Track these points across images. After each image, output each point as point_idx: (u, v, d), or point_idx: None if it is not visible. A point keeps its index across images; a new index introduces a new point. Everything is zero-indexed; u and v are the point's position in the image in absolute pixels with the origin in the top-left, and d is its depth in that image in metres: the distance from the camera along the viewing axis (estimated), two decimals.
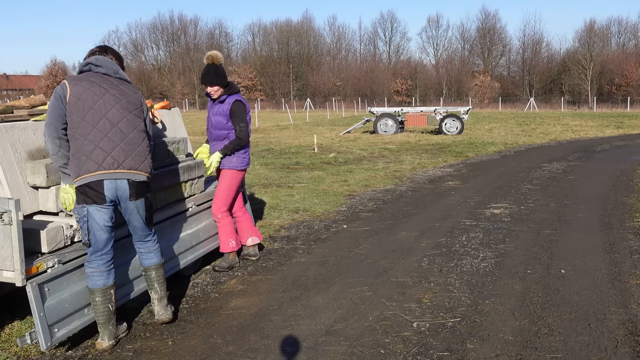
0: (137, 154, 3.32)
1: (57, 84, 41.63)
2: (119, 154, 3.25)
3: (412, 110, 22.85)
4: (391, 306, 3.98)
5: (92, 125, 3.22)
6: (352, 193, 8.49)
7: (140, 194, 3.36)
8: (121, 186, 3.27)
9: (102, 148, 3.21)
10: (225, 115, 4.63)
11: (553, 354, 3.24)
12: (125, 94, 3.36)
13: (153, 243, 3.63)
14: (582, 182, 9.37)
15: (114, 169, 3.23)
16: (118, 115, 3.29)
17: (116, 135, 3.26)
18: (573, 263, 4.90)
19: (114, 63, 3.44)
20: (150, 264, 3.61)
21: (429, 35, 76.00)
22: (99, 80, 3.32)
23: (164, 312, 3.66)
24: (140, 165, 3.33)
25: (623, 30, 63.66)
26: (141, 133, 3.38)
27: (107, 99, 3.28)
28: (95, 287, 3.29)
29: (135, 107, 3.38)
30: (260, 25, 75.97)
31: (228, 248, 4.80)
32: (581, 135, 20.24)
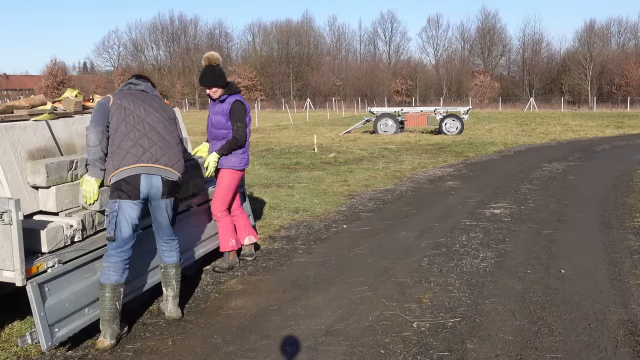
0: (172, 154, 3.57)
1: (57, 84, 41.69)
2: (157, 151, 3.50)
3: (412, 110, 22.86)
4: (391, 306, 3.98)
5: (133, 125, 3.49)
6: (352, 193, 8.49)
7: (171, 192, 3.58)
8: (155, 184, 3.47)
9: (141, 145, 3.46)
10: (225, 115, 4.64)
11: (553, 354, 3.24)
12: (162, 106, 3.72)
13: (175, 242, 3.80)
14: (582, 182, 9.37)
15: (151, 163, 3.44)
16: (156, 120, 3.58)
17: (155, 135, 3.53)
18: (573, 263, 4.90)
19: (149, 85, 3.84)
20: (171, 262, 3.77)
21: (429, 35, 75.91)
22: (139, 95, 3.67)
23: (176, 310, 3.79)
24: (175, 164, 3.57)
25: (623, 30, 63.73)
26: (176, 138, 3.67)
27: (146, 107, 3.60)
28: (108, 282, 3.34)
29: (170, 117, 3.71)
30: (260, 25, 75.95)
31: (228, 247, 4.80)
32: (581, 135, 20.24)
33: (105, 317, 3.35)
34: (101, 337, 3.37)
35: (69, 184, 3.51)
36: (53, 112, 3.87)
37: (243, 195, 5.41)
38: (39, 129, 3.60)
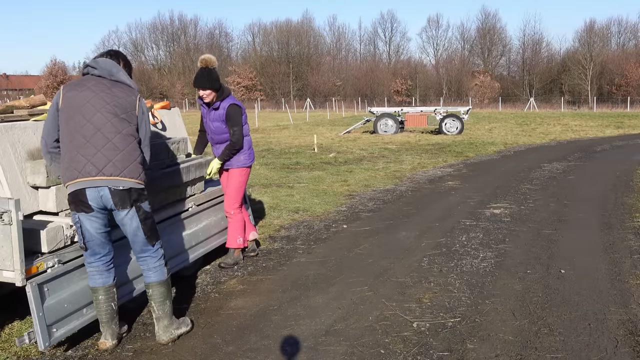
0: (119, 160, 3.13)
1: (57, 84, 41.72)
2: (100, 160, 3.11)
3: (412, 110, 22.85)
4: (391, 306, 3.98)
5: (77, 130, 3.13)
6: (352, 193, 8.49)
7: (125, 203, 3.17)
8: (105, 195, 3.13)
9: (83, 155, 3.11)
10: (222, 121, 4.68)
11: (553, 354, 3.24)
12: (115, 97, 3.22)
13: (153, 260, 3.39)
14: (582, 182, 9.37)
15: (92, 176, 3.10)
16: (102, 120, 3.14)
17: (99, 140, 3.12)
18: (573, 263, 4.90)
19: (114, 64, 3.32)
20: (148, 282, 3.41)
21: (429, 35, 76.02)
22: (92, 83, 3.23)
23: (163, 333, 3.42)
24: (123, 171, 3.14)
25: (623, 30, 63.75)
26: (127, 137, 3.19)
27: (94, 103, 3.16)
28: (97, 286, 3.29)
29: (124, 110, 3.22)
30: (260, 25, 76.03)
31: (235, 244, 4.89)
32: (581, 135, 20.24)
33: (103, 319, 3.32)
34: (102, 339, 3.35)
35: None
36: None
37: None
38: (39, 129, 3.60)
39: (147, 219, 3.30)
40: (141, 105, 3.33)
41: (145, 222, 3.29)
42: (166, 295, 3.43)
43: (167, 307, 3.43)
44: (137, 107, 3.29)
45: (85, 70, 3.35)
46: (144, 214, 3.27)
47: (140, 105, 3.32)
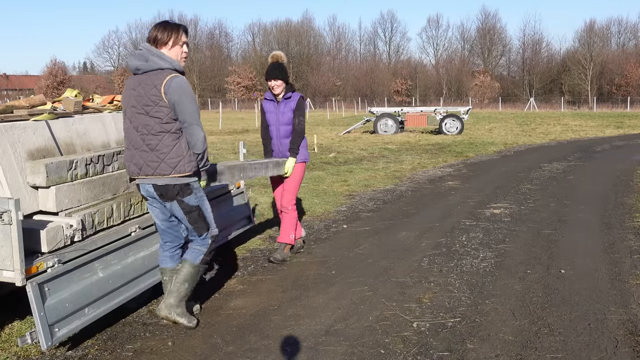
0: (151, 160, 3.33)
1: (57, 84, 41.69)
2: (138, 161, 3.40)
3: (412, 110, 22.87)
4: (391, 306, 3.98)
5: (124, 131, 3.48)
6: (352, 193, 8.49)
7: (167, 196, 3.41)
8: (148, 189, 3.45)
9: (128, 156, 3.46)
10: (292, 110, 4.93)
11: (553, 354, 3.24)
12: (142, 97, 3.30)
13: (197, 244, 3.59)
14: (582, 182, 9.37)
15: (135, 175, 3.45)
16: (136, 122, 3.36)
17: (136, 142, 3.38)
18: (573, 263, 4.90)
19: (147, 51, 3.35)
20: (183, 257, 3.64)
21: (429, 35, 76.04)
22: (131, 83, 3.41)
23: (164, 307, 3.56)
24: (156, 170, 3.34)
25: (623, 30, 63.80)
26: (157, 135, 3.30)
27: (130, 104, 3.38)
28: (163, 267, 3.69)
29: (150, 107, 3.28)
30: (260, 25, 76.04)
31: (287, 239, 5.02)
32: (581, 135, 20.24)
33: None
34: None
35: (69, 184, 3.51)
36: (53, 112, 3.87)
37: (243, 195, 5.42)
38: (39, 129, 3.60)
39: (192, 212, 3.47)
40: (169, 87, 3.25)
41: (189, 214, 3.47)
42: (188, 279, 3.58)
43: (182, 289, 3.57)
44: (162, 95, 3.25)
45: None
46: (186, 207, 3.46)
47: (166, 89, 3.25)
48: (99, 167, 3.78)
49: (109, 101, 4.59)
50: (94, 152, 3.82)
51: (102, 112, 4.34)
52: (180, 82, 3.29)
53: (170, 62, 3.33)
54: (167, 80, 3.26)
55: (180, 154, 3.34)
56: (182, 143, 3.35)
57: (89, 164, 3.69)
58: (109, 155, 3.89)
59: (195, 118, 3.36)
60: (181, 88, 3.28)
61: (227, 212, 5.11)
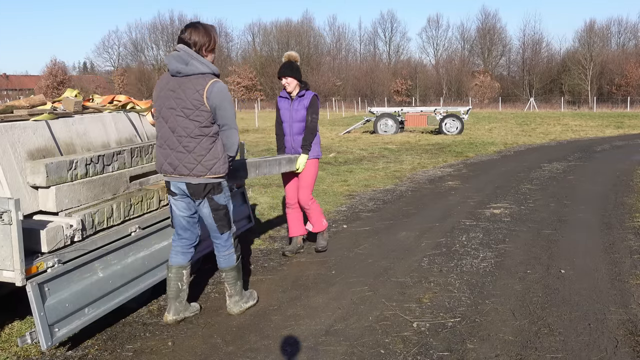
0: (188, 162, 3.46)
1: (57, 84, 41.65)
2: (173, 160, 3.51)
3: (412, 110, 22.87)
4: (391, 306, 3.98)
5: (159, 130, 3.56)
6: (352, 193, 8.49)
7: (199, 194, 3.55)
8: (183, 186, 3.56)
9: (161, 154, 3.56)
10: (306, 108, 5.08)
11: (553, 354, 3.24)
12: (182, 100, 3.42)
13: (223, 249, 3.76)
14: (582, 182, 9.37)
15: (169, 174, 3.56)
16: (174, 123, 3.46)
17: (172, 143, 3.49)
18: (573, 263, 4.90)
19: (185, 54, 3.45)
20: (220, 266, 3.83)
21: (429, 35, 76.11)
22: (169, 84, 3.51)
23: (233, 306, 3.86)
24: (192, 170, 3.47)
25: (623, 30, 63.79)
26: (196, 138, 3.43)
27: (168, 106, 3.48)
28: (170, 264, 3.73)
29: (190, 111, 3.41)
30: (260, 25, 76.08)
31: (322, 226, 5.29)
32: (581, 135, 20.24)
33: (169, 295, 3.72)
34: (166, 312, 3.72)
35: (69, 184, 3.51)
36: (53, 112, 3.87)
37: (243, 195, 5.42)
38: (39, 129, 3.60)
39: (219, 210, 3.63)
40: (211, 92, 3.40)
41: (216, 212, 3.62)
42: (237, 277, 3.84)
43: (238, 287, 3.86)
44: (205, 100, 3.39)
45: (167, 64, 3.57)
46: (215, 205, 3.61)
47: (209, 94, 3.39)
48: (99, 167, 3.78)
49: (109, 101, 4.59)
50: (94, 152, 3.82)
51: (102, 112, 4.34)
52: (221, 87, 3.46)
53: (209, 66, 3.48)
54: (209, 85, 3.41)
55: (217, 156, 3.51)
56: (218, 146, 3.52)
57: (89, 164, 3.69)
58: (109, 155, 3.89)
59: (234, 122, 3.57)
60: (222, 93, 3.45)
61: None
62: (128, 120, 4.46)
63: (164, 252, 4.09)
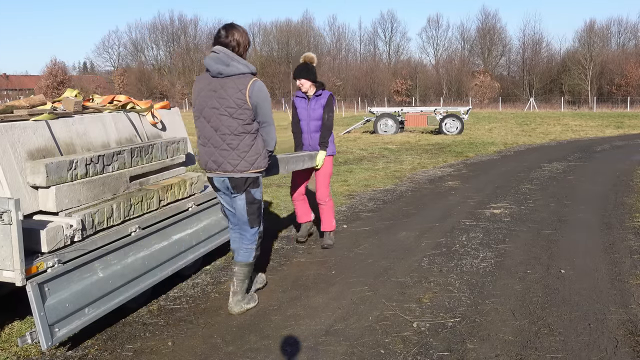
0: (232, 158, 3.65)
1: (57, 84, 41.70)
2: (217, 158, 3.69)
3: (412, 110, 22.85)
4: (391, 306, 3.98)
5: (201, 130, 3.73)
6: (352, 193, 8.49)
7: (239, 188, 3.75)
8: (226, 181, 3.76)
9: (205, 152, 3.74)
10: (322, 106, 5.27)
11: (553, 354, 3.24)
12: (225, 99, 3.59)
13: (247, 242, 3.92)
14: (582, 182, 9.37)
15: (213, 171, 3.74)
16: (217, 122, 3.63)
17: (216, 141, 3.66)
18: (573, 263, 4.90)
19: (226, 57, 3.60)
20: (236, 259, 3.98)
21: (429, 35, 76.10)
22: (211, 85, 3.65)
23: (234, 305, 3.91)
24: (236, 167, 3.67)
25: (623, 30, 63.75)
26: (239, 136, 3.63)
27: (211, 105, 3.64)
28: (234, 248, 4.03)
29: (234, 110, 3.59)
30: (260, 25, 76.01)
31: (332, 226, 5.56)
32: (581, 135, 20.24)
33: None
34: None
35: (69, 184, 3.51)
36: (53, 112, 3.87)
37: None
38: (39, 129, 3.60)
39: (253, 204, 3.82)
40: (253, 91, 3.60)
41: (250, 205, 3.82)
42: (247, 275, 3.95)
43: (244, 285, 3.95)
44: (247, 98, 3.59)
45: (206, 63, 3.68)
46: (251, 199, 3.80)
47: (251, 92, 3.59)
48: (99, 167, 3.78)
49: (109, 101, 4.59)
50: (94, 152, 3.83)
51: (102, 112, 4.34)
52: (260, 86, 3.68)
53: (248, 66, 3.67)
54: (250, 84, 3.61)
55: (258, 152, 3.72)
56: (259, 142, 3.73)
57: (89, 164, 3.69)
58: (109, 155, 3.90)
59: (272, 118, 3.79)
60: (262, 91, 3.67)
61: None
62: (128, 120, 4.47)
63: (164, 252, 4.09)
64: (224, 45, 3.63)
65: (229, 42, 3.62)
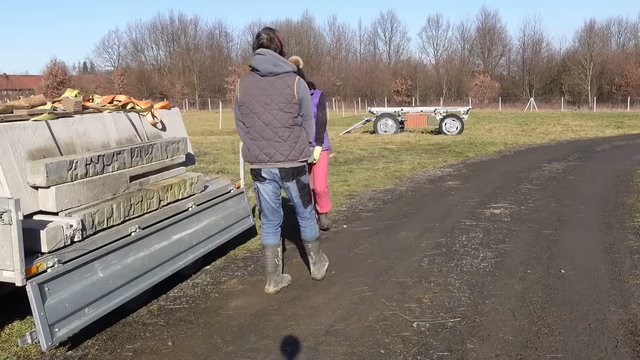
0: (284, 149, 4.00)
1: (57, 84, 41.68)
2: (269, 150, 4.01)
3: (412, 110, 22.84)
4: (391, 306, 3.98)
5: (251, 126, 4.03)
6: (352, 193, 8.49)
7: (289, 177, 4.10)
8: (275, 171, 4.09)
9: (257, 146, 4.03)
10: (316, 105, 5.48)
11: (553, 354, 3.24)
12: (274, 96, 3.95)
13: (307, 221, 4.36)
14: (582, 182, 9.36)
15: (265, 162, 4.05)
16: (269, 117, 3.96)
17: (267, 135, 3.98)
18: (573, 263, 4.90)
19: (273, 58, 3.95)
20: (305, 238, 4.43)
21: (429, 35, 76.15)
22: (260, 84, 3.97)
23: (317, 272, 4.49)
24: (287, 157, 4.02)
25: (623, 30, 63.78)
26: (289, 128, 4.00)
27: (262, 102, 3.97)
28: (265, 244, 4.29)
29: (284, 105, 3.96)
30: (260, 25, 75.75)
31: (328, 207, 6.12)
32: (581, 135, 20.23)
33: (268, 270, 4.28)
34: (266, 285, 4.27)
35: (69, 184, 3.51)
36: (53, 112, 3.87)
37: (243, 195, 5.43)
38: (39, 129, 3.60)
39: (304, 189, 4.23)
40: (299, 87, 4.00)
41: (302, 191, 4.21)
42: (319, 246, 4.51)
43: (320, 255, 4.53)
44: (295, 94, 3.98)
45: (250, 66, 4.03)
46: (302, 185, 4.19)
47: (297, 89, 3.99)
48: (99, 167, 3.79)
49: (109, 101, 4.59)
50: (94, 152, 3.83)
51: (102, 112, 4.34)
52: (303, 82, 4.07)
53: (291, 65, 4.01)
54: (296, 81, 4.00)
55: (304, 142, 4.12)
56: (304, 133, 4.12)
57: (89, 164, 3.69)
58: (109, 155, 3.90)
59: (312, 112, 4.17)
60: (305, 88, 4.08)
61: (227, 212, 5.11)
62: (128, 120, 4.47)
63: (164, 252, 4.10)
64: (267, 47, 3.99)
65: (273, 44, 4.00)
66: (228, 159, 12.65)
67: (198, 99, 64.38)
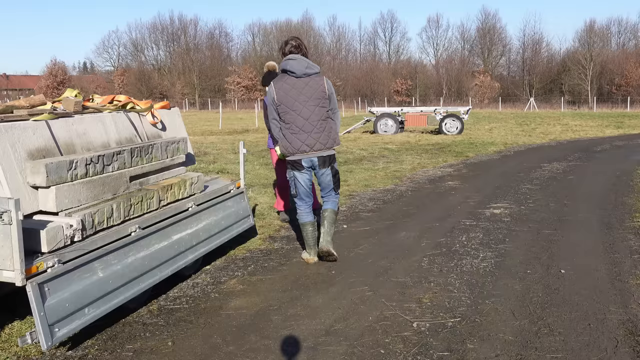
0: (323, 139, 4.71)
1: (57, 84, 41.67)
2: (310, 141, 4.68)
3: (412, 110, 22.84)
4: (391, 306, 3.98)
5: (292, 122, 4.66)
6: (352, 193, 8.49)
7: (325, 164, 4.81)
8: (314, 160, 4.77)
9: (298, 138, 4.67)
10: None
11: (553, 354, 3.24)
12: (311, 94, 4.65)
13: (333, 197, 5.02)
14: (582, 182, 9.37)
15: (306, 152, 4.71)
16: (307, 112, 4.64)
17: (307, 128, 4.65)
18: (573, 263, 4.90)
19: (304, 62, 4.68)
20: (326, 207, 4.99)
21: (429, 35, 76.13)
22: (297, 85, 4.65)
23: (326, 243, 4.87)
24: (325, 145, 4.73)
25: (623, 30, 63.77)
26: (325, 121, 4.72)
27: (300, 101, 4.62)
28: (306, 221, 4.97)
29: (320, 100, 4.67)
30: (260, 25, 75.95)
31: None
32: (581, 135, 20.24)
33: (309, 243, 4.95)
34: (310, 256, 4.97)
35: (69, 184, 3.51)
36: (53, 112, 3.87)
37: (243, 195, 5.43)
38: (39, 129, 3.60)
39: (336, 174, 4.95)
40: (328, 85, 4.77)
41: (335, 176, 4.93)
42: (334, 220, 5.00)
43: (333, 228, 4.99)
44: (326, 90, 4.72)
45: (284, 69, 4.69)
46: (335, 171, 4.92)
47: (327, 86, 4.75)
48: (99, 167, 3.79)
49: (109, 101, 4.59)
50: (94, 152, 3.83)
51: (102, 112, 4.34)
52: (330, 81, 4.82)
53: (317, 67, 4.79)
54: (325, 80, 4.75)
55: (337, 132, 4.86)
56: (334, 124, 4.83)
57: (89, 164, 3.69)
58: (109, 155, 3.90)
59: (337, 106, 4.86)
60: (332, 85, 4.85)
61: (227, 212, 5.11)
62: (128, 120, 4.47)
63: (164, 252, 4.10)
64: (297, 52, 4.73)
65: (301, 50, 4.77)
66: (228, 159, 12.65)
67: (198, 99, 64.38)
